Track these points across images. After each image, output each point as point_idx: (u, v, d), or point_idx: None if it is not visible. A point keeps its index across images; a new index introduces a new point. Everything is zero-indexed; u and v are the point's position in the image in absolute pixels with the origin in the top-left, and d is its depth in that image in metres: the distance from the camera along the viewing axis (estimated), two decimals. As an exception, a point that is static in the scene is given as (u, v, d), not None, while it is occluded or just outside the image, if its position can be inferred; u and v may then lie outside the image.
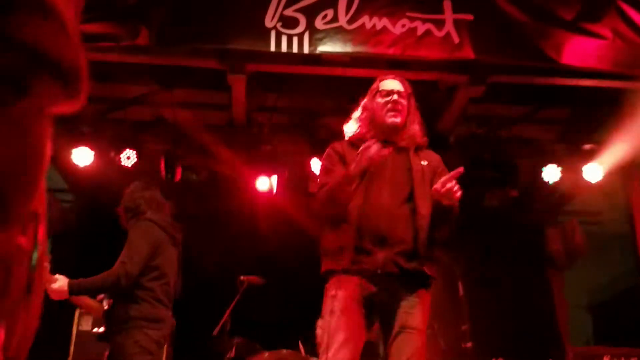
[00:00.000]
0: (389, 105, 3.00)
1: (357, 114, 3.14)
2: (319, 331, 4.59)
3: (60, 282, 3.64)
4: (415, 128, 3.10)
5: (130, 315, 3.66)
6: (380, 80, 3.17)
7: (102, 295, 3.90)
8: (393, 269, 2.79)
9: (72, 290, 3.63)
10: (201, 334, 4.75)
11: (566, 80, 5.81)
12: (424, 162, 3.04)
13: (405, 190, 2.92)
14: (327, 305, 2.84)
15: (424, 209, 2.90)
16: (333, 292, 2.82)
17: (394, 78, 3.18)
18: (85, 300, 3.91)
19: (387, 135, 3.01)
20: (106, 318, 3.80)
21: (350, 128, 3.15)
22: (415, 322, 2.78)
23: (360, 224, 2.82)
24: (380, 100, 3.05)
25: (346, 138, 3.14)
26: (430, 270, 2.86)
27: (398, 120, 3.01)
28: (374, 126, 3.05)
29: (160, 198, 4.09)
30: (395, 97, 3.04)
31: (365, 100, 3.16)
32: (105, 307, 3.82)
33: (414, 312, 2.79)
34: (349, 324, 2.76)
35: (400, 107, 3.03)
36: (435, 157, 3.14)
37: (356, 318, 2.78)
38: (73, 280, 3.67)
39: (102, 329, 3.86)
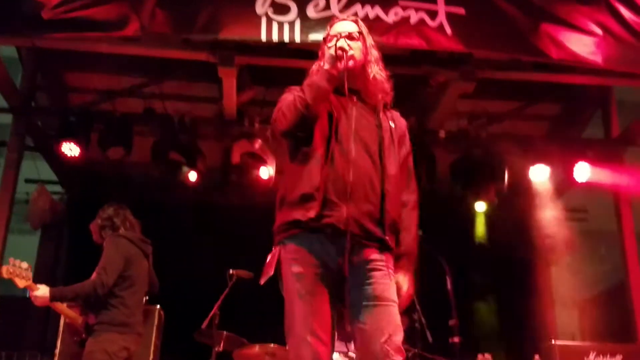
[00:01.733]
0: (336, 51, 2.60)
1: (313, 66, 2.80)
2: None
3: (42, 289, 4.06)
4: (381, 79, 2.77)
5: (100, 321, 4.12)
6: (331, 25, 2.86)
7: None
8: (356, 230, 2.47)
9: (54, 297, 4.06)
10: (190, 327, 4.74)
11: (557, 77, 5.84)
12: (392, 124, 2.76)
13: (372, 148, 2.62)
14: (290, 282, 2.48)
15: (392, 169, 2.63)
16: (297, 269, 2.46)
17: (345, 19, 2.86)
18: (65, 309, 4.27)
19: (343, 85, 2.60)
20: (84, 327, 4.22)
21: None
22: (391, 294, 2.51)
23: (326, 172, 2.50)
24: (329, 45, 2.70)
25: None
26: (392, 242, 2.57)
27: (349, 64, 2.61)
28: None
29: (132, 217, 4.57)
30: (342, 41, 2.66)
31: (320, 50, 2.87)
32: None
33: (387, 282, 2.51)
34: (321, 312, 2.43)
35: (345, 48, 2.63)
36: (402, 123, 2.85)
37: (326, 307, 2.45)
38: (54, 288, 4.11)
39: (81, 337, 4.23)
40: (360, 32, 2.77)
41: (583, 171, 6.36)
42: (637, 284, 6.24)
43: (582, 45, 5.20)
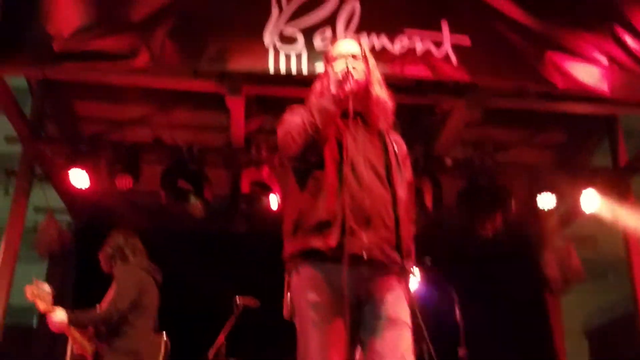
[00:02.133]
0: (342, 74, 2.59)
1: (316, 85, 2.79)
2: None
3: (60, 314, 4.13)
4: (384, 100, 2.73)
5: (111, 348, 4.24)
6: (333, 43, 2.86)
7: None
8: (378, 256, 2.42)
9: (71, 322, 4.14)
10: (197, 356, 4.72)
11: (562, 105, 5.85)
12: (395, 148, 2.70)
13: (381, 172, 2.57)
14: (304, 310, 2.39)
15: (403, 194, 2.57)
16: (313, 297, 2.37)
17: (347, 38, 2.88)
18: (79, 337, 4.31)
19: (352, 105, 2.58)
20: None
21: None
22: (404, 316, 2.44)
23: (343, 198, 2.40)
24: (334, 67, 2.69)
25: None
26: (409, 266, 2.53)
27: (350, 86, 2.56)
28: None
29: (140, 245, 4.69)
30: (344, 62, 2.67)
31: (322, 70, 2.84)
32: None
33: (401, 304, 2.45)
34: (337, 342, 2.33)
35: (354, 72, 2.61)
36: (403, 147, 2.79)
37: (342, 337, 2.33)
38: (71, 313, 4.20)
39: None
40: (363, 53, 2.75)
41: (591, 200, 6.35)
42: (647, 313, 6.19)
43: (588, 74, 5.22)
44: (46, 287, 4.19)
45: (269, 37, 4.96)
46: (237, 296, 4.76)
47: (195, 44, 4.88)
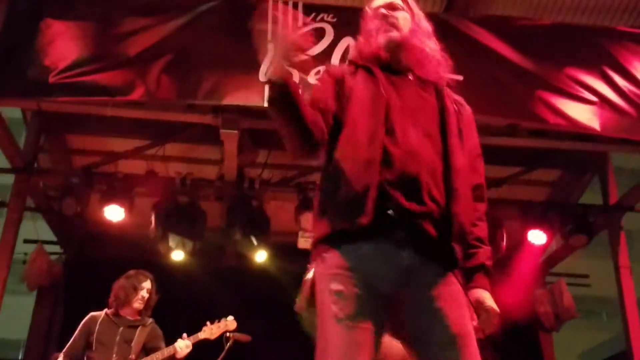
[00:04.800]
0: (382, 23, 2.26)
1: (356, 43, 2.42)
2: None
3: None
4: (435, 53, 2.31)
5: None
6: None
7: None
8: (425, 238, 1.94)
9: None
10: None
11: (553, 143, 5.90)
12: (456, 107, 2.25)
13: (434, 136, 2.08)
14: (326, 302, 1.94)
15: (461, 162, 2.08)
16: (337, 287, 1.92)
17: None
18: None
19: (394, 61, 2.23)
20: None
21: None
22: (469, 325, 1.97)
23: (379, 167, 1.96)
24: (371, 22, 2.31)
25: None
26: (460, 254, 2.01)
27: (395, 34, 2.24)
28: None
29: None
30: (384, 11, 2.30)
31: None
32: None
33: (460, 310, 1.95)
34: (362, 344, 1.88)
35: (393, 20, 2.27)
36: (468, 110, 2.33)
37: (369, 339, 1.89)
38: None
39: None
40: (405, 1, 2.37)
41: (579, 239, 6.40)
42: (639, 353, 6.16)
43: (578, 111, 5.30)
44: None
45: (264, 73, 5.00)
46: (227, 332, 4.73)
47: (190, 78, 4.93)
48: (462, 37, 5.34)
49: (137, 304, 4.57)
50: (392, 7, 2.31)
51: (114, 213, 6.03)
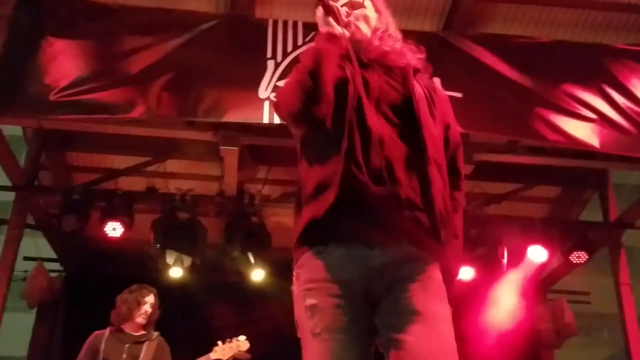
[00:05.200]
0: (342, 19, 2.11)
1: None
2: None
3: None
4: (400, 46, 2.21)
5: None
6: None
7: None
8: (397, 230, 1.85)
9: None
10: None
11: (552, 160, 5.91)
12: (427, 92, 2.12)
13: (402, 123, 2.00)
14: (303, 318, 1.87)
15: (434, 148, 1.99)
16: (311, 301, 1.84)
17: None
18: None
19: (363, 56, 2.13)
20: None
21: None
22: (439, 306, 1.83)
23: (347, 156, 1.89)
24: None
25: None
26: (445, 243, 1.90)
27: (357, 36, 2.13)
28: None
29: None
30: (346, 10, 2.17)
31: None
32: None
33: (431, 293, 1.84)
34: (344, 355, 1.79)
35: (352, 17, 2.16)
36: (442, 94, 2.23)
37: (353, 348, 1.80)
38: None
39: None
40: None
41: (580, 255, 6.38)
42: (641, 370, 6.13)
43: (577, 128, 5.29)
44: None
45: (264, 90, 5.02)
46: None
47: (191, 96, 4.94)
48: (460, 55, 5.36)
49: (140, 319, 4.55)
50: (350, 4, 2.21)
51: (114, 230, 6.03)
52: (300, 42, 5.21)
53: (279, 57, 5.13)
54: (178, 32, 5.10)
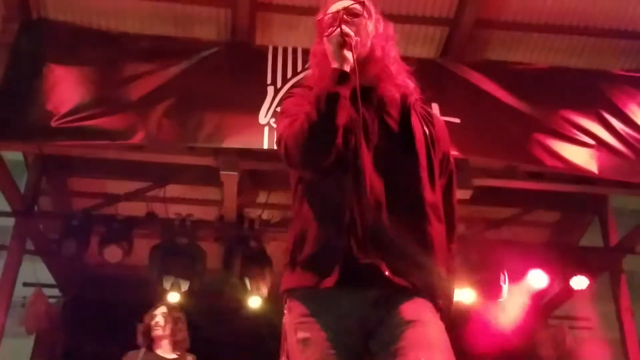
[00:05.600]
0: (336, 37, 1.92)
1: (308, 71, 2.18)
2: None
3: None
4: (398, 64, 2.08)
5: None
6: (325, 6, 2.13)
7: None
8: (396, 279, 1.83)
9: None
10: None
11: (551, 185, 5.92)
12: (426, 130, 2.03)
13: (401, 169, 1.94)
14: (295, 352, 1.87)
15: (433, 195, 1.96)
16: (303, 335, 1.85)
17: None
18: None
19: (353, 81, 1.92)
20: None
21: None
22: (428, 317, 1.85)
23: (343, 212, 1.87)
24: (326, 36, 1.98)
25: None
26: (444, 292, 1.93)
27: (349, 54, 1.91)
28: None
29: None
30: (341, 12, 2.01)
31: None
32: None
33: (423, 308, 1.86)
34: None
35: (350, 33, 1.94)
36: (440, 124, 2.13)
37: None
38: None
39: None
40: (363, 3, 2.07)
41: (581, 280, 6.36)
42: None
43: (575, 154, 5.31)
44: None
45: (264, 115, 5.05)
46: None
47: (191, 122, 4.96)
48: (459, 81, 5.40)
49: (157, 332, 4.58)
50: (348, 12, 2.04)
51: (113, 255, 6.02)
52: (300, 68, 5.25)
53: (279, 83, 5.17)
54: (179, 59, 5.15)
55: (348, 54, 1.89)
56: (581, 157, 5.30)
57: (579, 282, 6.39)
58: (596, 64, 5.79)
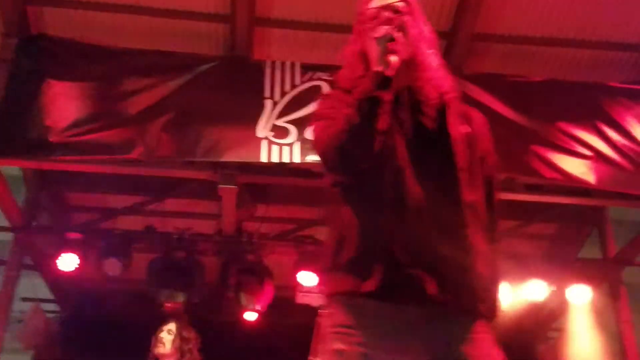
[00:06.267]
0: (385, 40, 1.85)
1: (345, 51, 2.08)
2: None
3: None
4: (438, 68, 2.00)
5: None
6: None
7: None
8: (440, 297, 1.79)
9: None
10: None
11: (549, 197, 5.92)
12: (463, 127, 1.96)
13: (440, 179, 1.88)
14: (328, 358, 1.83)
15: (475, 210, 1.94)
16: (340, 346, 1.80)
17: None
18: None
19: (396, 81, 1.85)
20: None
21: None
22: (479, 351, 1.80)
23: (386, 222, 1.83)
24: (369, 29, 1.95)
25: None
26: (487, 309, 1.89)
27: (395, 59, 1.82)
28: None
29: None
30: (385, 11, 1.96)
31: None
32: None
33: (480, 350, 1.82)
34: None
35: (400, 38, 1.86)
36: (480, 124, 2.09)
37: None
38: None
39: None
40: (408, 2, 1.99)
41: (580, 293, 6.35)
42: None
43: (573, 165, 5.32)
44: None
45: (262, 129, 5.07)
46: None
47: (190, 136, 4.98)
48: (456, 94, 5.42)
49: (160, 349, 4.44)
50: (392, 9, 1.96)
51: (112, 268, 6.00)
52: (297, 81, 5.27)
53: (277, 97, 5.19)
54: (177, 74, 5.17)
55: (393, 58, 1.81)
56: (579, 169, 5.31)
57: (578, 294, 6.38)
58: (593, 77, 5.81)
